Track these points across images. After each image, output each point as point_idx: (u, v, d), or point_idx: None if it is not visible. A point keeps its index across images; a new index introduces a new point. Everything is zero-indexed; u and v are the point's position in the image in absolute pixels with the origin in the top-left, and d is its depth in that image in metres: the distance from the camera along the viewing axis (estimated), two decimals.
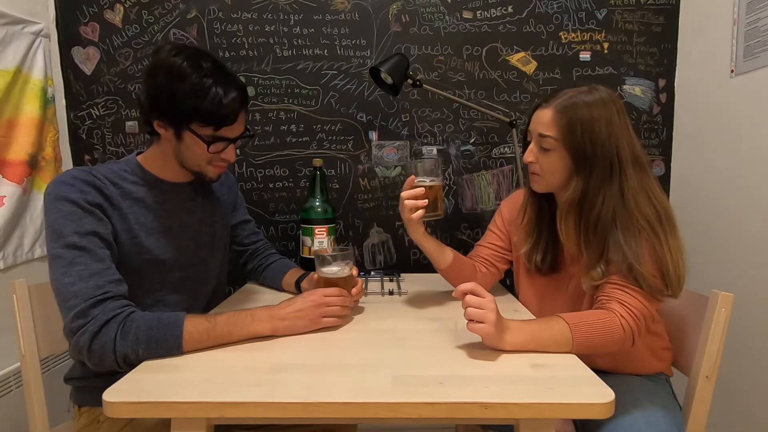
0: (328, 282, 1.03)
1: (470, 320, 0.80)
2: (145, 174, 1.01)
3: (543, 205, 1.06)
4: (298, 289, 1.19)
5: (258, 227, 1.39)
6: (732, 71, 1.38)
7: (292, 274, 1.24)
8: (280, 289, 1.26)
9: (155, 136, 0.99)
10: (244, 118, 1.00)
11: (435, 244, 1.11)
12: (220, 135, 0.95)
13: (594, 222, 0.92)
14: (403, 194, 1.00)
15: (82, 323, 0.79)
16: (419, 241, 1.08)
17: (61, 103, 1.59)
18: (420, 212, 0.99)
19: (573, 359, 0.80)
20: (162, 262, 0.99)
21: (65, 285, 0.81)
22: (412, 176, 1.02)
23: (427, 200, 1.00)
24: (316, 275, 1.07)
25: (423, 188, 1.00)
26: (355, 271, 1.07)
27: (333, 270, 1.04)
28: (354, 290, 1.05)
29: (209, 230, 1.12)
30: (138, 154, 1.04)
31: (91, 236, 0.86)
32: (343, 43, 1.62)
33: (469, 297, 0.81)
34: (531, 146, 0.99)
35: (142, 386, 0.70)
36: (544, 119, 0.94)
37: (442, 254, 1.11)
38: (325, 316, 0.94)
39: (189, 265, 1.05)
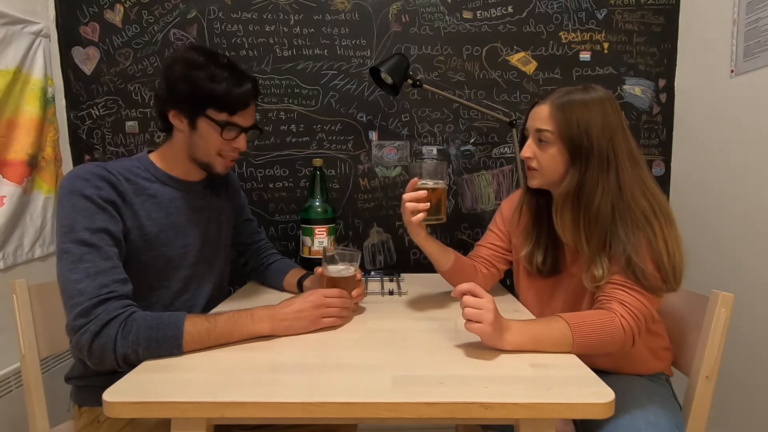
0: (331, 281, 1.02)
1: (468, 320, 0.80)
2: (158, 171, 1.03)
3: (540, 206, 1.06)
4: (300, 289, 1.19)
5: (258, 226, 1.39)
6: (732, 71, 1.38)
7: (294, 274, 1.24)
8: (282, 289, 1.26)
9: (167, 132, 1.03)
10: (254, 110, 1.04)
11: (437, 247, 1.10)
12: (233, 121, 0.99)
13: (595, 215, 0.92)
14: (405, 196, 1.00)
15: (84, 322, 0.79)
16: (420, 243, 1.07)
17: (61, 103, 1.59)
18: (420, 215, 0.98)
19: (573, 359, 0.80)
20: (169, 259, 1.01)
21: (71, 282, 0.82)
22: (415, 178, 1.01)
23: (428, 204, 0.99)
24: (320, 269, 1.06)
25: (425, 191, 0.99)
26: (359, 275, 1.07)
27: (338, 269, 1.03)
28: (354, 292, 1.05)
29: (216, 229, 1.14)
30: (149, 152, 1.05)
31: (101, 233, 0.87)
32: (343, 43, 1.62)
33: (466, 297, 0.81)
34: (528, 142, 1.00)
35: (142, 386, 0.70)
36: (541, 115, 0.96)
37: (445, 256, 1.11)
38: (324, 317, 0.94)
39: (195, 263, 1.06)
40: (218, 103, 0.97)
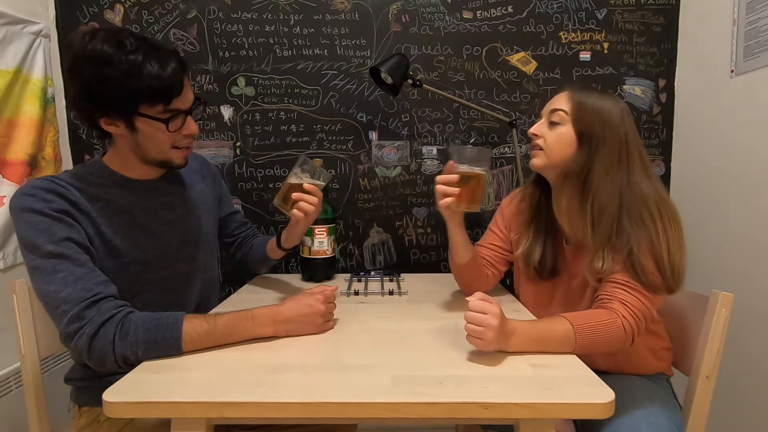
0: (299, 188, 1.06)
1: (469, 334, 0.80)
2: (113, 175, 0.96)
3: (540, 202, 1.06)
4: (279, 244, 1.19)
5: (258, 227, 1.38)
6: (732, 71, 1.38)
7: (273, 240, 1.21)
8: (267, 259, 1.24)
9: (106, 138, 0.94)
10: (189, 85, 0.92)
11: (464, 239, 1.07)
12: (173, 108, 0.88)
13: (601, 204, 0.93)
14: (437, 177, 0.97)
15: (78, 326, 0.78)
16: (450, 230, 1.05)
17: (61, 103, 1.59)
18: (448, 200, 0.94)
19: (573, 359, 0.80)
20: (143, 263, 0.96)
21: (52, 293, 0.80)
22: (451, 161, 0.96)
23: (458, 189, 0.94)
24: (293, 179, 1.08)
25: (457, 175, 0.95)
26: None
27: (310, 179, 1.08)
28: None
29: (194, 224, 1.09)
30: (104, 154, 0.99)
31: (66, 242, 0.83)
32: (343, 43, 1.62)
33: (469, 313, 0.79)
34: (540, 122, 1.01)
35: (142, 386, 0.70)
36: (559, 98, 1.00)
37: (466, 251, 1.09)
38: (327, 321, 0.94)
39: (175, 262, 1.02)
40: (148, 97, 0.85)
